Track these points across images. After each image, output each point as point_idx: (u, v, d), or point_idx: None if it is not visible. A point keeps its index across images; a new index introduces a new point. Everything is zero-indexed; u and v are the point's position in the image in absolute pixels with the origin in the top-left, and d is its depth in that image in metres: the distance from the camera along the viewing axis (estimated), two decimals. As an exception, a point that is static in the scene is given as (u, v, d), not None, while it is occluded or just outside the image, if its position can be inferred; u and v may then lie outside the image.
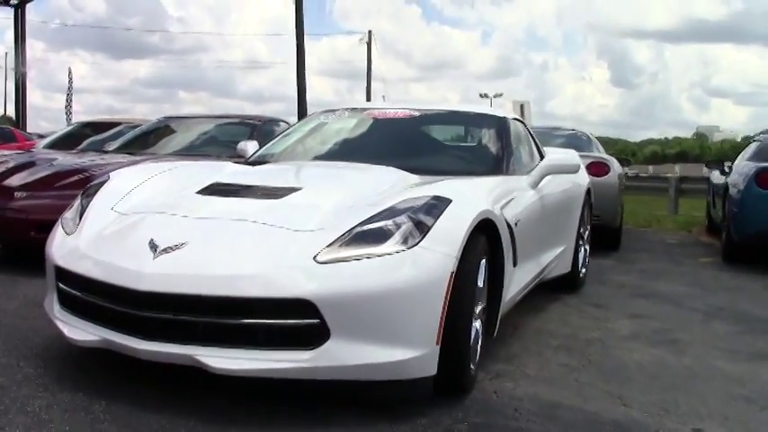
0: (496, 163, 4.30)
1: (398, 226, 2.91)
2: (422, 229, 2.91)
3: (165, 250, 2.88)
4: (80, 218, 3.43)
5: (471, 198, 3.26)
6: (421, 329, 2.82)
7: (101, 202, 3.51)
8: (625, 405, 3.30)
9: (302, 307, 2.69)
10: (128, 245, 3.06)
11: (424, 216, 2.97)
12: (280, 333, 2.74)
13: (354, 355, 2.72)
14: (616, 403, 3.31)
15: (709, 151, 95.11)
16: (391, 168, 3.86)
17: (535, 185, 4.36)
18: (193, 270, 2.80)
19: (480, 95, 54.31)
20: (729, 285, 6.66)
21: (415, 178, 3.72)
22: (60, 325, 3.16)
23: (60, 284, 3.23)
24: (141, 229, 3.14)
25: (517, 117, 5.07)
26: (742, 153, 9.34)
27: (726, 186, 8.09)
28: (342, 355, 2.71)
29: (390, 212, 3.00)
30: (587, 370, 3.78)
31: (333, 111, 5.02)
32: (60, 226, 3.47)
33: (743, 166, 7.99)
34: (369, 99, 34.05)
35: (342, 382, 2.81)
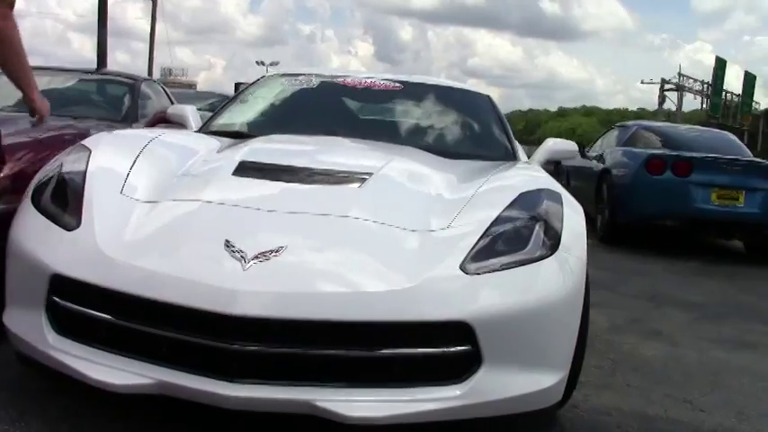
0: (508, 146, 3.99)
1: (532, 226, 2.48)
2: (553, 230, 2.51)
3: (258, 257, 2.15)
4: (75, 205, 2.49)
5: (563, 191, 2.90)
6: (564, 349, 2.43)
7: (101, 183, 2.59)
8: (702, 410, 3.16)
9: (454, 331, 2.17)
10: (188, 247, 2.28)
11: (550, 214, 2.58)
12: (422, 365, 2.18)
13: (506, 387, 2.25)
14: (688, 408, 3.18)
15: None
16: (417, 150, 3.43)
17: None
18: (304, 286, 2.14)
19: (257, 63, 54.13)
20: (635, 269, 6.90)
21: (433, 160, 3.33)
22: (70, 361, 2.23)
23: (61, 302, 2.29)
24: (198, 225, 2.39)
25: None
26: (603, 138, 9.88)
27: (603, 171, 8.36)
28: (494, 387, 2.23)
29: (515, 209, 2.55)
30: (621, 370, 3.62)
31: (293, 75, 4.39)
32: (39, 214, 2.51)
33: (624, 152, 8.34)
34: (151, 62, 31.86)
35: (487, 421, 2.30)
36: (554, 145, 4.16)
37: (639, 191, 7.50)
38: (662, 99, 53.82)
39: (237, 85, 15.26)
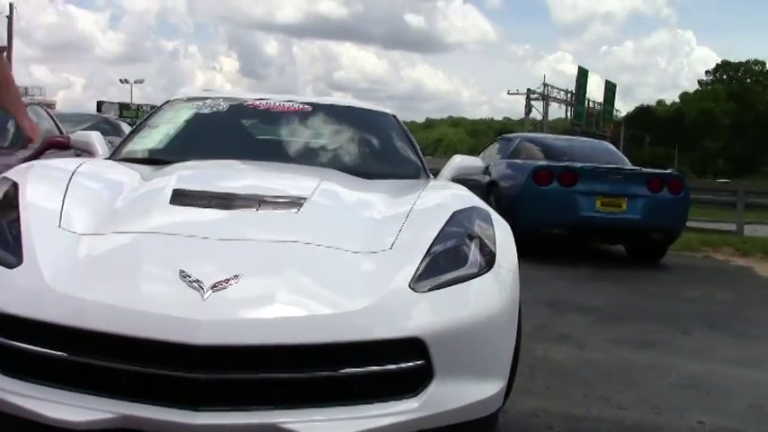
0: (419, 164, 4.15)
1: (468, 244, 2.64)
2: (487, 247, 2.68)
3: (215, 286, 2.19)
4: (13, 241, 2.45)
5: (490, 209, 3.08)
6: (504, 358, 2.59)
7: (37, 217, 2.56)
8: (620, 408, 3.39)
9: (407, 347, 2.29)
10: (142, 279, 2.28)
11: (483, 231, 2.75)
12: (379, 382, 2.28)
13: (457, 397, 2.38)
14: (607, 406, 3.40)
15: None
16: (337, 172, 3.54)
17: None
18: (264, 312, 2.19)
19: (121, 81, 53.18)
20: (530, 277, 7.09)
21: (353, 180, 3.46)
22: (23, 402, 2.18)
23: (7, 342, 2.23)
24: (149, 256, 2.39)
25: None
26: (486, 150, 10.29)
27: (490, 183, 8.70)
28: (447, 397, 2.35)
29: (452, 227, 2.70)
30: (539, 374, 3.82)
31: (199, 99, 4.40)
32: None
33: (510, 164, 8.71)
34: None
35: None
36: (461, 161, 4.35)
37: (528, 201, 7.86)
38: (528, 109, 55.88)
39: (100, 104, 14.92)
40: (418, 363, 2.28)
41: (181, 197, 2.77)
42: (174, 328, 2.08)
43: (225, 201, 2.79)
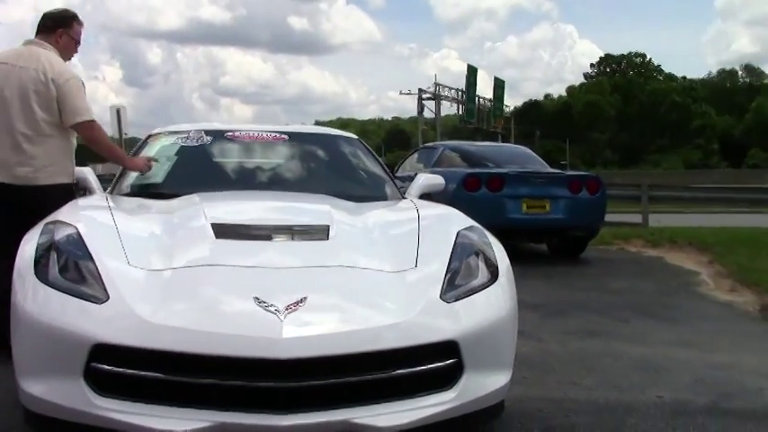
0: (393, 185, 4.72)
1: (476, 259, 3.23)
2: (490, 260, 3.27)
3: (289, 309, 2.68)
4: (93, 280, 2.86)
5: (479, 225, 3.68)
6: (511, 351, 3.19)
7: (108, 257, 2.99)
8: (590, 389, 4.03)
9: (444, 348, 2.84)
10: (223, 306, 2.77)
11: (484, 247, 3.34)
12: (424, 379, 2.82)
13: (482, 386, 2.96)
14: (578, 389, 4.04)
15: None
16: (328, 197, 4.07)
17: None
18: (332, 327, 2.71)
19: None
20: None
21: (350, 205, 3.99)
22: (126, 418, 2.61)
23: (104, 367, 2.65)
24: (224, 287, 2.86)
25: None
26: (408, 160, 10.96)
27: (419, 191, 9.32)
28: (475, 387, 2.92)
29: (460, 246, 3.27)
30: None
31: (180, 132, 4.85)
32: (55, 290, 2.84)
33: (439, 172, 9.34)
34: None
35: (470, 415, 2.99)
36: (425, 180, 5.00)
37: (459, 207, 8.43)
38: (421, 108, 57.04)
39: None
40: (453, 360, 2.86)
41: (223, 232, 3.25)
42: (260, 346, 2.57)
43: (263, 232, 3.31)
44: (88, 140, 4.56)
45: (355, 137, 5.28)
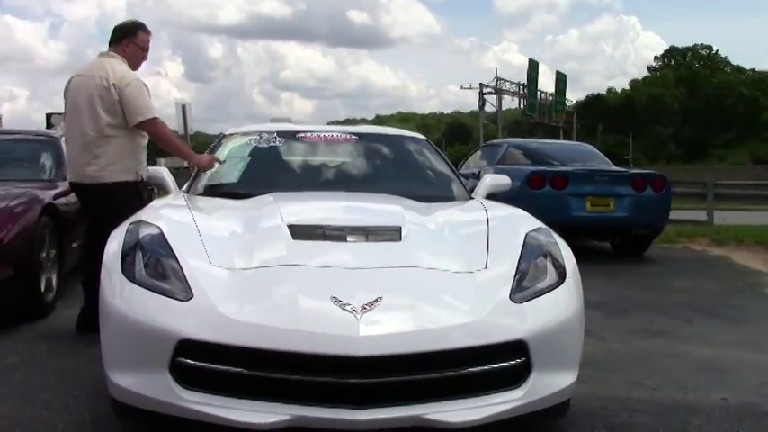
0: (461, 185, 4.80)
1: (544, 260, 3.30)
2: (558, 261, 3.34)
3: (365, 308, 2.78)
4: (176, 278, 3.00)
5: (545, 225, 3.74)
6: (577, 351, 3.25)
7: (191, 256, 3.13)
8: (654, 389, 4.05)
9: (514, 348, 2.92)
10: (302, 305, 2.86)
11: (552, 248, 3.41)
12: (494, 377, 2.90)
13: (550, 385, 3.03)
14: (643, 388, 4.06)
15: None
16: (398, 197, 4.16)
17: None
18: (406, 326, 2.80)
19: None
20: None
21: (420, 205, 4.07)
22: (209, 410, 2.73)
23: (188, 362, 2.78)
24: (302, 286, 2.96)
25: None
26: (472, 157, 10.99)
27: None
28: (543, 386, 2.99)
29: (529, 248, 3.35)
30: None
31: (253, 133, 5.00)
32: (140, 287, 2.99)
33: (503, 169, 9.38)
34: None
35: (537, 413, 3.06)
36: (491, 180, 5.07)
37: (523, 205, 8.46)
38: (482, 103, 56.80)
39: (49, 116, 14.80)
40: (521, 360, 2.93)
41: (300, 233, 3.36)
42: (337, 343, 2.68)
43: (338, 233, 3.41)
44: (153, 137, 4.89)
45: (423, 137, 5.37)
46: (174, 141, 5.09)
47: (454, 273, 3.14)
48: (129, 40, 4.97)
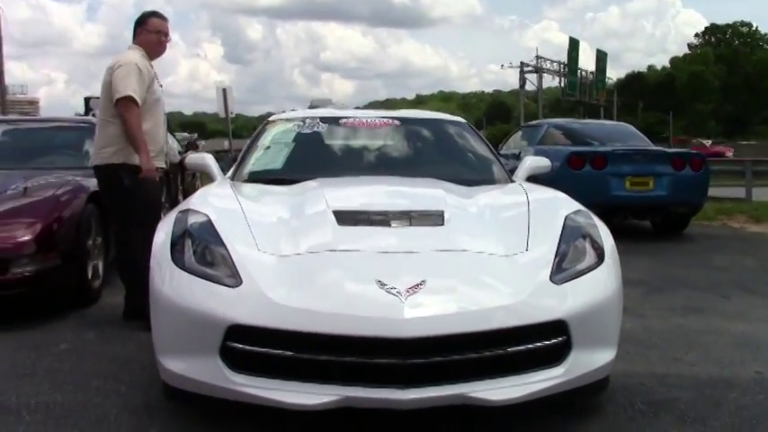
0: (502, 169, 4.85)
1: (583, 242, 3.36)
2: (597, 242, 3.40)
3: (409, 291, 2.84)
4: (225, 265, 3.06)
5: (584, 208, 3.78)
6: (616, 330, 3.31)
7: (239, 244, 3.19)
8: (692, 365, 4.09)
9: (554, 327, 2.98)
10: (348, 289, 2.92)
11: (591, 230, 3.47)
12: (535, 355, 2.96)
13: (589, 362, 3.09)
14: (681, 364, 4.10)
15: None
16: (440, 181, 4.23)
17: None
18: (450, 308, 2.85)
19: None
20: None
21: (461, 189, 4.13)
22: (260, 392, 2.81)
23: (238, 346, 2.85)
24: (349, 271, 3.02)
25: None
26: (512, 137, 11.05)
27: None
28: (582, 364, 3.06)
29: (569, 230, 3.41)
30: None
31: (296, 119, 5.08)
32: (190, 275, 3.06)
33: (543, 150, 9.42)
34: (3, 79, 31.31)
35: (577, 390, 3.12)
36: (532, 162, 5.12)
37: (563, 185, 8.47)
38: (522, 81, 56.29)
39: (87, 100, 14.59)
40: (561, 339, 3.00)
41: (345, 218, 3.43)
42: (383, 326, 2.75)
43: (382, 218, 3.47)
44: (121, 117, 4.74)
45: (464, 120, 5.41)
46: (134, 130, 4.71)
47: (496, 256, 3.21)
48: (141, 28, 5.04)
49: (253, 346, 2.85)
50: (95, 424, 3.24)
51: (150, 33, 5.03)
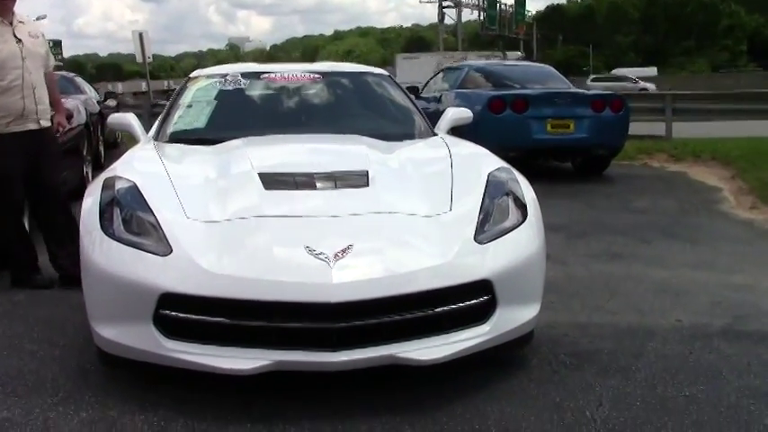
0: (423, 122, 4.89)
1: (506, 200, 3.46)
2: (519, 200, 3.50)
3: (337, 256, 2.92)
4: (155, 234, 3.11)
5: (507, 164, 3.87)
6: (540, 286, 3.44)
7: (167, 211, 3.22)
8: (613, 313, 4.27)
9: (480, 287, 3.10)
10: (277, 255, 2.99)
11: (513, 188, 3.57)
12: (461, 315, 3.09)
13: (514, 319, 3.23)
14: (603, 312, 4.28)
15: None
16: (363, 137, 4.26)
17: None
18: (377, 272, 2.94)
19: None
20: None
21: (384, 145, 4.17)
22: (193, 358, 2.92)
23: (171, 314, 2.94)
24: (277, 236, 3.08)
25: None
26: (434, 80, 11.16)
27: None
28: (507, 321, 3.19)
29: (491, 188, 3.50)
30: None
31: (218, 75, 5.02)
32: (120, 243, 3.10)
33: (463, 93, 9.51)
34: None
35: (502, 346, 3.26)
36: (453, 114, 5.20)
37: (484, 129, 8.55)
38: (441, 15, 56.31)
39: None
40: (487, 298, 3.12)
41: (270, 181, 3.46)
42: (313, 291, 2.85)
43: (307, 180, 3.52)
44: None
45: (385, 72, 5.42)
46: (54, 89, 5.02)
47: (421, 216, 3.28)
48: None
49: (185, 314, 2.93)
50: (33, 390, 3.27)
51: None
